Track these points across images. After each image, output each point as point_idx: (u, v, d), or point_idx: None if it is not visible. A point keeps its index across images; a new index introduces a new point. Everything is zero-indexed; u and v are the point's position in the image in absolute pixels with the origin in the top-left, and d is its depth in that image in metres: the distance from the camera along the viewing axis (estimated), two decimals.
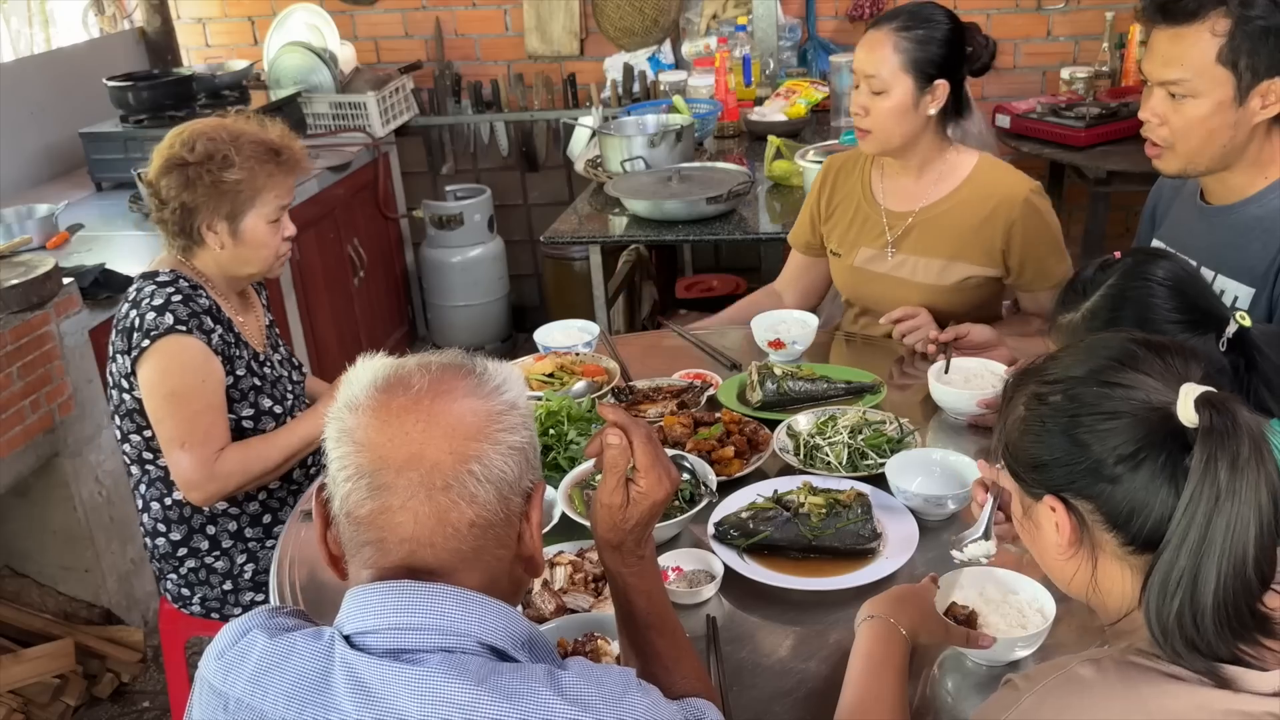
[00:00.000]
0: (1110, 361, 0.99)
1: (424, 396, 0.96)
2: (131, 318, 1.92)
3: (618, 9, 4.20)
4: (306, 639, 0.94)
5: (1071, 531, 0.99)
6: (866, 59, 2.06)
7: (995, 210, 2.11)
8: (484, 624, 0.93)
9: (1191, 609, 0.90)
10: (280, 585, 1.61)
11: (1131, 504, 0.94)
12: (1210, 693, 0.90)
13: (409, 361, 1.01)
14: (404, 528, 0.94)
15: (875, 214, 2.23)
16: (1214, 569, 0.89)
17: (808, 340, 2.11)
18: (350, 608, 0.95)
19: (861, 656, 1.23)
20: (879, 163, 2.25)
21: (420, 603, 0.92)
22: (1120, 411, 0.95)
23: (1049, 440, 0.99)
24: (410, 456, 0.93)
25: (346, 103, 4.03)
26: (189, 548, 2.05)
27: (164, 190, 1.94)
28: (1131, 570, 0.98)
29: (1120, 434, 0.95)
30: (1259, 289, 1.68)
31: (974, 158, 2.18)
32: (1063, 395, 0.99)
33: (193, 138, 1.93)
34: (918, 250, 2.18)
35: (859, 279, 2.27)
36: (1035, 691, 0.94)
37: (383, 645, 0.92)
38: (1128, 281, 1.36)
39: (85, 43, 4.04)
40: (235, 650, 0.97)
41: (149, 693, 2.74)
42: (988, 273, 2.15)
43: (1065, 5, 4.08)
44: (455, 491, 0.94)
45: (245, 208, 1.94)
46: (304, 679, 0.91)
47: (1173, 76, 1.64)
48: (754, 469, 1.73)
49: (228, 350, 1.95)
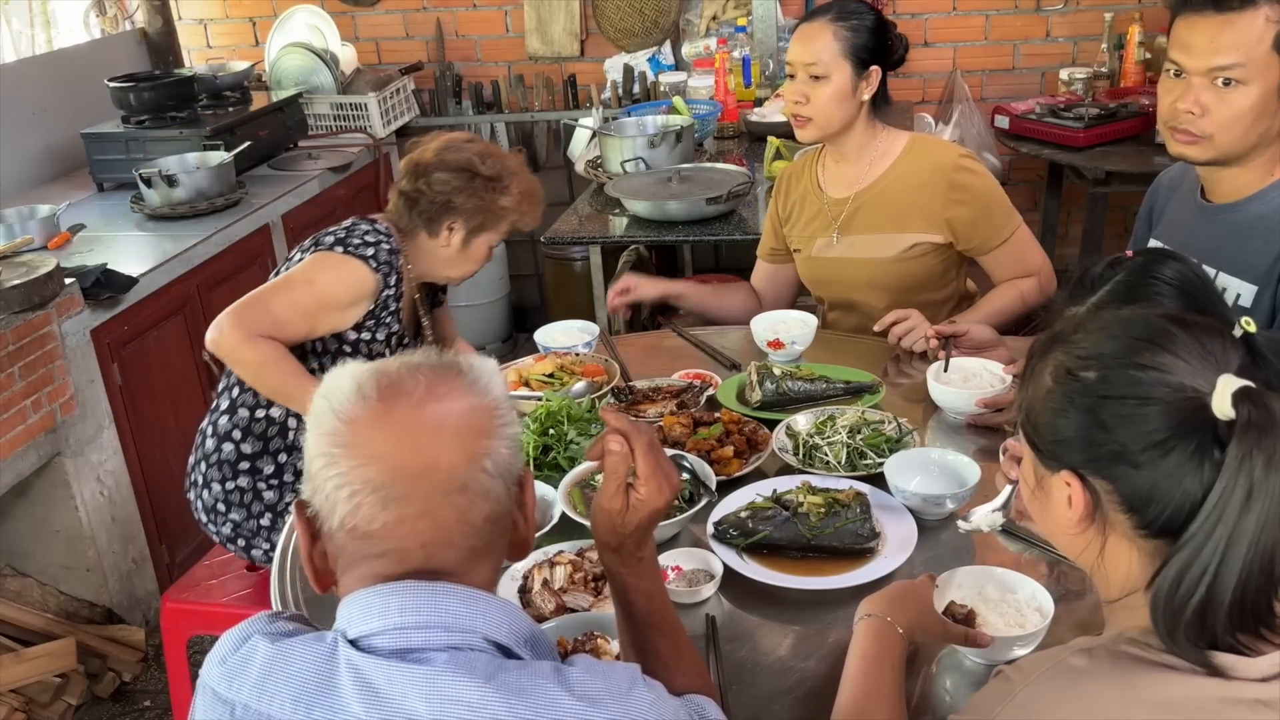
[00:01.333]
0: (1144, 341, 0.95)
1: (427, 401, 0.95)
2: (339, 234, 2.09)
3: (618, 10, 4.20)
4: (308, 643, 0.94)
5: (1085, 509, 0.98)
6: (806, 49, 2.16)
7: (930, 178, 2.21)
8: (489, 620, 0.93)
9: (1207, 603, 0.89)
10: (281, 585, 1.61)
11: (1153, 490, 0.92)
12: (1203, 681, 0.90)
13: (390, 365, 0.99)
14: (425, 534, 0.93)
15: (822, 204, 2.33)
16: (1238, 565, 0.88)
17: (807, 340, 2.12)
18: (351, 612, 0.94)
19: (859, 655, 1.23)
20: (822, 158, 2.36)
21: (424, 602, 0.92)
22: (1152, 397, 0.92)
23: (1074, 417, 0.97)
24: (426, 464, 0.93)
25: (347, 103, 4.03)
26: (253, 465, 2.13)
27: (437, 182, 2.09)
28: (1140, 552, 0.97)
29: (1150, 421, 0.92)
30: (1261, 286, 1.68)
31: (905, 138, 2.29)
32: (1094, 373, 0.96)
33: (486, 154, 2.12)
34: (863, 229, 2.28)
35: (815, 267, 2.37)
36: (1029, 684, 0.94)
37: (389, 646, 0.91)
38: (1135, 279, 1.35)
39: (87, 43, 4.04)
40: (238, 656, 0.96)
41: (150, 692, 2.74)
42: (932, 238, 2.23)
43: (1064, 6, 4.09)
44: (472, 490, 0.94)
45: (487, 228, 2.14)
46: (309, 682, 0.91)
47: (1226, 62, 1.63)
48: (753, 469, 1.74)
49: (382, 314, 2.12)
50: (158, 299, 2.92)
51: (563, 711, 0.88)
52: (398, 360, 1.00)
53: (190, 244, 3.06)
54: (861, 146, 2.27)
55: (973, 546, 1.55)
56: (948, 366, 1.92)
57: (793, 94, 2.20)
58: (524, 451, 1.77)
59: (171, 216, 3.24)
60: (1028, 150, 3.66)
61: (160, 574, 2.95)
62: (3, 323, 2.46)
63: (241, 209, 3.34)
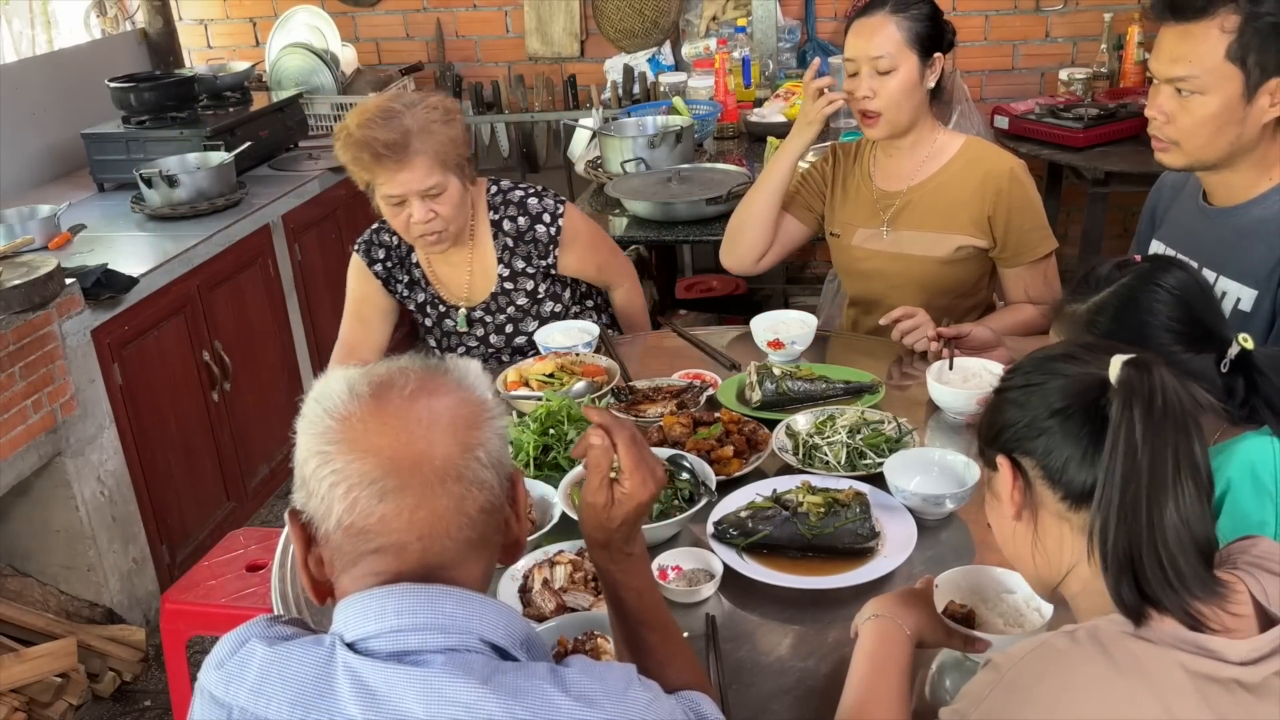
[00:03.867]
0: (1059, 351, 1.11)
1: (419, 394, 0.96)
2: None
3: (618, 11, 4.21)
4: (306, 646, 0.94)
5: (1014, 488, 1.08)
6: (870, 43, 2.13)
7: (983, 181, 2.19)
8: (484, 621, 0.93)
9: (1128, 548, 0.96)
10: (281, 583, 1.61)
11: (1065, 455, 1.03)
12: (1181, 655, 0.94)
13: (379, 368, 1.00)
14: (422, 524, 0.94)
15: (871, 195, 2.31)
16: (1142, 507, 0.96)
17: (807, 340, 2.12)
18: (348, 616, 0.94)
19: (865, 655, 1.23)
20: (873, 149, 2.33)
21: (420, 604, 0.92)
22: (1056, 374, 1.06)
23: (998, 408, 1.11)
24: (420, 454, 0.93)
25: (348, 104, 4.03)
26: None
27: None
28: (1071, 529, 1.05)
29: (1054, 393, 1.05)
30: (1261, 291, 1.68)
31: (961, 138, 2.28)
32: (1016, 374, 1.11)
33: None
34: (912, 225, 2.26)
35: (856, 257, 2.34)
36: (1015, 666, 0.97)
37: (385, 649, 0.91)
38: (1138, 284, 1.37)
39: (87, 44, 4.05)
40: (235, 660, 0.97)
41: (150, 692, 2.75)
42: (977, 243, 2.22)
43: (1064, 7, 4.09)
44: (467, 480, 0.95)
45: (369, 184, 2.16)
46: (306, 685, 0.91)
47: (1181, 73, 1.64)
48: (753, 468, 1.74)
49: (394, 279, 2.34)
50: (158, 299, 2.93)
51: (559, 712, 0.89)
52: (385, 363, 1.01)
53: (190, 244, 3.06)
54: (919, 142, 2.24)
55: (973, 546, 1.55)
56: (953, 364, 1.93)
57: (860, 90, 2.15)
58: (522, 451, 1.77)
59: (172, 217, 3.24)
60: (1027, 150, 3.66)
61: (160, 574, 2.95)
62: (3, 323, 2.46)
63: (242, 209, 3.34)
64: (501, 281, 2.30)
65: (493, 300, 2.31)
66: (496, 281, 2.30)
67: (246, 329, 3.36)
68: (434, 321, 2.38)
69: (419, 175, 2.05)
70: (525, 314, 2.33)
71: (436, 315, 2.36)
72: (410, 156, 2.04)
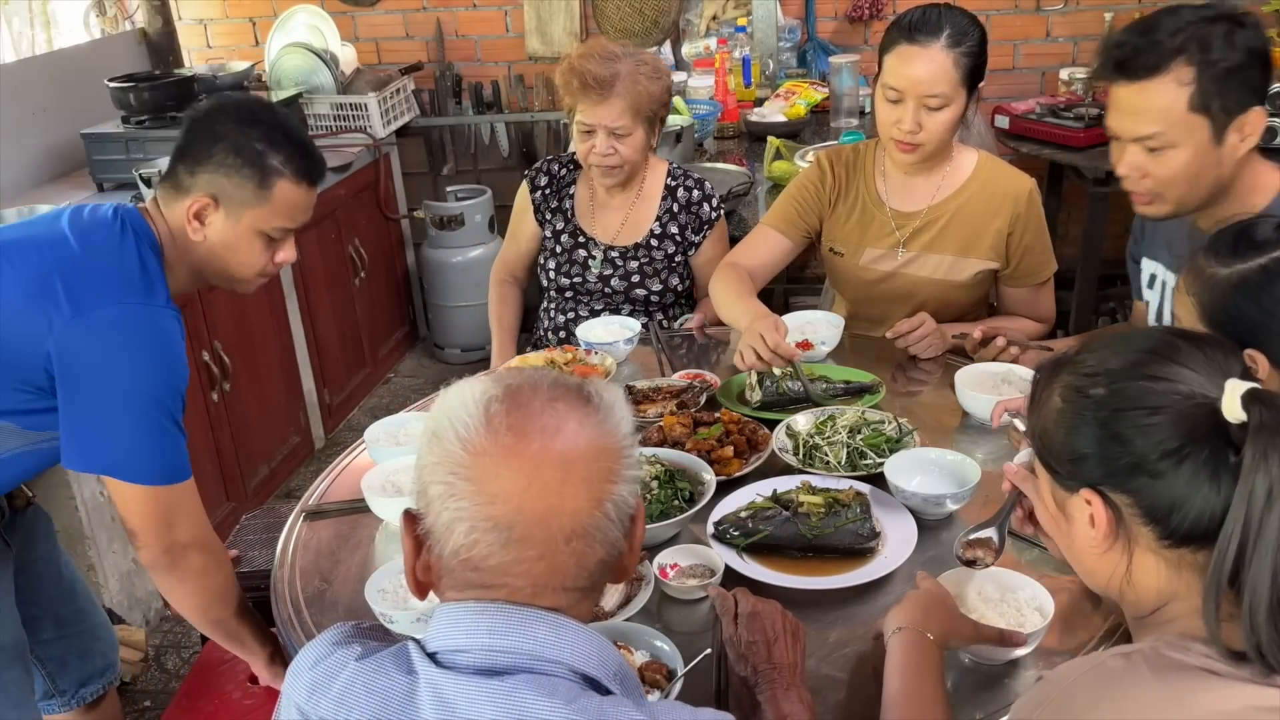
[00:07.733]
0: (1150, 354, 0.97)
1: (556, 440, 0.91)
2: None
3: (618, 10, 4.20)
4: (391, 658, 0.94)
5: (1108, 525, 0.98)
6: (926, 79, 2.00)
7: (1003, 205, 2.16)
8: (576, 651, 0.92)
9: (1249, 608, 0.89)
10: (279, 583, 1.61)
11: (1173, 499, 0.93)
12: (1243, 687, 0.89)
13: (524, 389, 0.94)
14: (538, 576, 0.92)
15: (882, 215, 2.22)
16: (1269, 565, 0.88)
17: (835, 341, 2.11)
18: (440, 624, 0.93)
19: (898, 670, 1.20)
20: (880, 164, 2.24)
21: (514, 626, 0.91)
22: (1163, 406, 0.94)
23: (1088, 433, 0.98)
24: (550, 508, 0.90)
25: (347, 104, 4.03)
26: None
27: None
28: (1165, 564, 0.97)
29: (1163, 429, 0.93)
30: None
31: (974, 155, 2.21)
32: (1103, 388, 0.97)
33: None
34: (930, 247, 2.20)
35: (866, 278, 2.26)
36: (1067, 686, 0.94)
37: (471, 664, 0.90)
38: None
39: (87, 43, 4.04)
40: (322, 669, 0.96)
41: (150, 692, 2.74)
42: (993, 265, 2.20)
43: (1064, 6, 4.09)
44: (592, 537, 0.93)
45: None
46: (390, 698, 0.91)
47: (1147, 131, 1.62)
48: (753, 469, 1.74)
49: (545, 205, 2.56)
50: None
51: None
52: (529, 378, 0.97)
53: None
54: (937, 163, 2.17)
55: None
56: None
57: (905, 123, 2.03)
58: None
59: None
60: (1028, 150, 3.66)
61: None
62: None
63: None
64: (651, 235, 2.49)
65: (635, 249, 2.49)
66: (647, 234, 2.49)
67: (246, 329, 3.35)
68: (565, 249, 2.54)
69: (613, 114, 2.31)
70: (655, 272, 2.49)
71: (572, 245, 2.53)
72: (611, 96, 2.29)
